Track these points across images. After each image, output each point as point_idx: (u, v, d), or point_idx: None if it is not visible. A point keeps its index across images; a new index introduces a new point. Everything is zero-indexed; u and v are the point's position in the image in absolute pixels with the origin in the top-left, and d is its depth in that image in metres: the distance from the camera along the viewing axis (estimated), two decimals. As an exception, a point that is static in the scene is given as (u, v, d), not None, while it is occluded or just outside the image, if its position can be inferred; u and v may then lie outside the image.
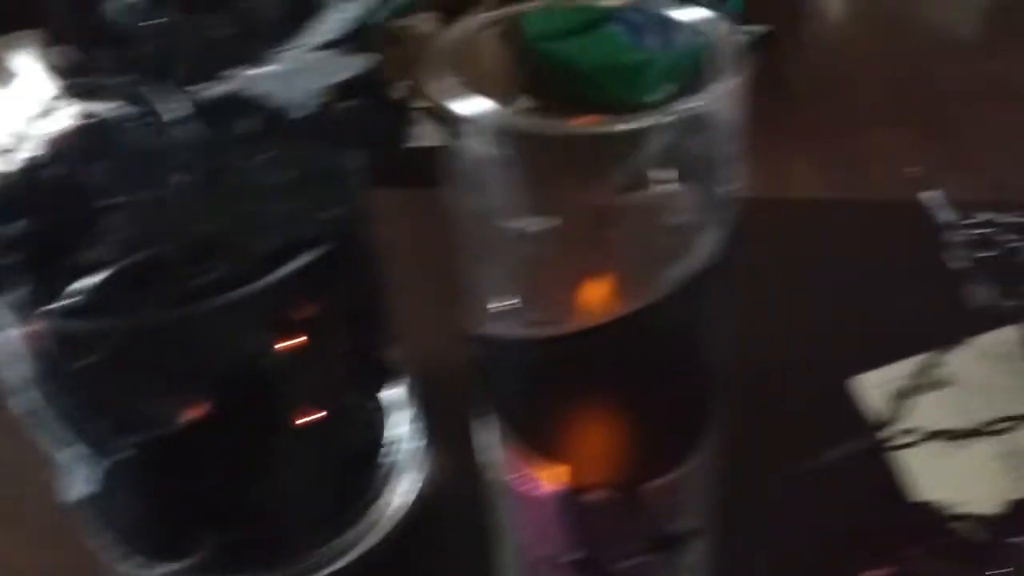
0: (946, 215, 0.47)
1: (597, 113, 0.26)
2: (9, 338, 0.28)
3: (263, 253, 0.28)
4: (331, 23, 0.30)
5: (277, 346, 0.29)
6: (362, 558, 0.33)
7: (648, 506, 0.27)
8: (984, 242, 0.43)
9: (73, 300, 0.26)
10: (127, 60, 0.28)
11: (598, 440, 0.26)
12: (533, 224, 0.24)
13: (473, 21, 0.25)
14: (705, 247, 0.25)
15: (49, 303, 0.26)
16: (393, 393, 0.34)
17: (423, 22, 1.20)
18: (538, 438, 0.27)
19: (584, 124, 0.23)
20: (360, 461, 0.34)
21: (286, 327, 0.30)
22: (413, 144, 0.33)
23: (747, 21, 1.98)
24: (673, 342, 0.26)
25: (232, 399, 0.30)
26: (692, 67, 0.26)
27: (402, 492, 0.34)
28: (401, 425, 0.35)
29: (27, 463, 0.33)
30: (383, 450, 0.34)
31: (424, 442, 0.36)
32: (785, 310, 0.43)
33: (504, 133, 0.23)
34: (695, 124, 0.23)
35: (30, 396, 0.29)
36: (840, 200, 0.57)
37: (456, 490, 0.34)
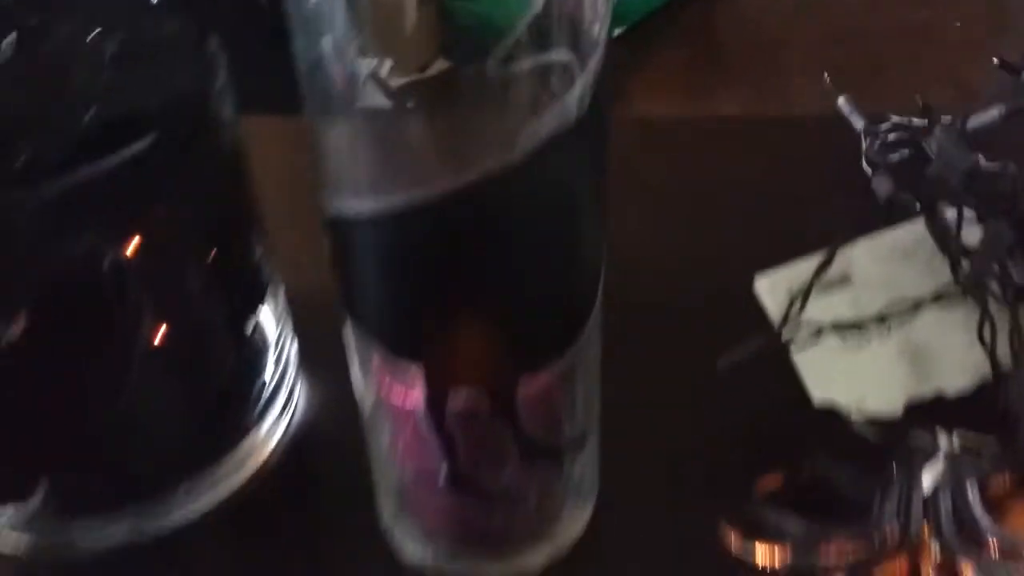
0: (858, 120, 0.46)
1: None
2: None
3: (87, 133, 0.24)
4: None
5: (118, 251, 0.26)
6: (231, 495, 0.31)
7: (525, 411, 0.25)
8: (894, 143, 0.42)
9: None
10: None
11: (463, 334, 0.24)
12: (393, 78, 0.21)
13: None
14: (575, 95, 0.22)
15: None
16: (263, 313, 0.31)
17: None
18: (398, 337, 0.24)
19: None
20: (225, 387, 0.31)
21: (127, 228, 0.26)
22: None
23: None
24: (543, 209, 0.23)
25: (64, 313, 0.26)
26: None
27: (273, 420, 0.32)
28: (272, 347, 0.32)
29: None
30: (251, 375, 0.31)
31: (296, 365, 0.33)
32: (691, 213, 0.41)
33: None
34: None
35: None
36: (757, 117, 0.56)
37: (331, 413, 0.32)
